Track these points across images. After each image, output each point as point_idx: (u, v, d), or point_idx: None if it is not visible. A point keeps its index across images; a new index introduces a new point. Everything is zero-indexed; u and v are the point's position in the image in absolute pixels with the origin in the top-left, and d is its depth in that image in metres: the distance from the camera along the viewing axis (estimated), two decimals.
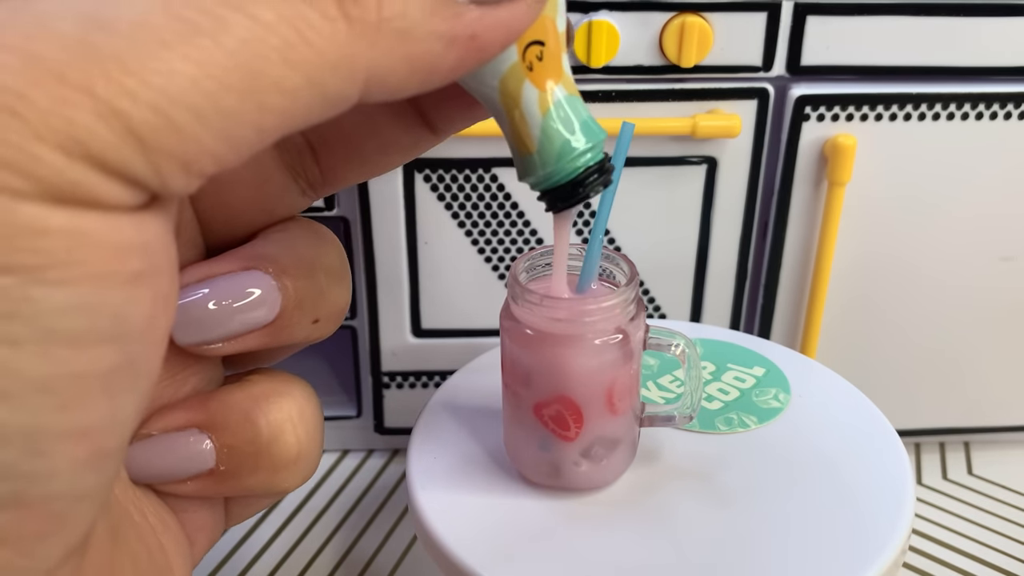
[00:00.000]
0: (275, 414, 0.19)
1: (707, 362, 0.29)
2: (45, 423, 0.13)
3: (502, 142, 0.31)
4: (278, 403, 0.19)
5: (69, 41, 0.12)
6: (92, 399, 0.13)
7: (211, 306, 0.18)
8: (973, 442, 0.38)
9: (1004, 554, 0.32)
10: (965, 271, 0.33)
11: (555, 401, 0.22)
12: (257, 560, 0.33)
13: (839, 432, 0.26)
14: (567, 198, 0.19)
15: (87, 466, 0.13)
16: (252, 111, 0.13)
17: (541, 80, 0.18)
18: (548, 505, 0.23)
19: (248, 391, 0.19)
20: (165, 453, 0.18)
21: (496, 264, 0.33)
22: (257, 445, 0.19)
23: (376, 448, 0.38)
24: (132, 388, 0.14)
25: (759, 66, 0.31)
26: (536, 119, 0.18)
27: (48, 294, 0.12)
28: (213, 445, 0.19)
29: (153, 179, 0.13)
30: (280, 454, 0.19)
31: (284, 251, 0.19)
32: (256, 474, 0.19)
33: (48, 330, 0.12)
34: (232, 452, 0.19)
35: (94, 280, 0.12)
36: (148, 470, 0.18)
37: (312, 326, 0.19)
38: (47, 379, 0.12)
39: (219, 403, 0.19)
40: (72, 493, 0.13)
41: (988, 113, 0.31)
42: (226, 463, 0.19)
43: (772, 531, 0.22)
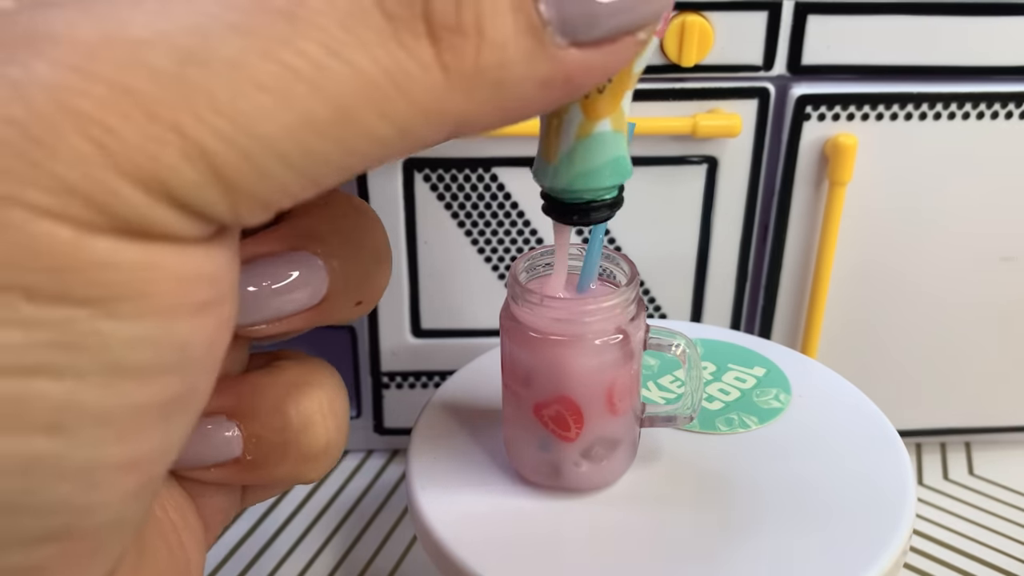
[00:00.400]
0: (306, 404, 0.19)
1: (707, 362, 0.29)
2: (102, 456, 0.12)
3: (502, 142, 0.31)
4: (309, 393, 0.19)
5: (162, 76, 0.12)
6: (149, 429, 0.13)
7: (252, 288, 0.17)
8: (974, 442, 0.38)
9: (1005, 555, 0.32)
10: (966, 271, 0.33)
11: (555, 401, 0.22)
12: (257, 560, 0.32)
13: (840, 432, 0.26)
14: (562, 217, 0.19)
15: (135, 496, 0.13)
16: (340, 156, 0.13)
17: (591, 110, 0.17)
18: (548, 505, 0.23)
19: (278, 379, 0.19)
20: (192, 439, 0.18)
21: (496, 264, 0.33)
22: (286, 435, 0.18)
23: (376, 448, 0.38)
24: (186, 413, 0.14)
25: (760, 65, 0.31)
26: (569, 139, 0.18)
27: (117, 328, 0.12)
28: (241, 433, 0.18)
29: (230, 216, 0.13)
30: (309, 445, 0.19)
31: (331, 230, 0.19)
32: (283, 464, 0.19)
33: (114, 363, 0.12)
34: (260, 442, 0.18)
35: (162, 313, 0.12)
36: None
37: (355, 308, 0.19)
38: (108, 412, 0.12)
39: (249, 390, 0.19)
40: (117, 522, 0.13)
41: (989, 113, 0.31)
42: (253, 452, 0.18)
43: (772, 531, 0.22)
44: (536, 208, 0.32)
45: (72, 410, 0.12)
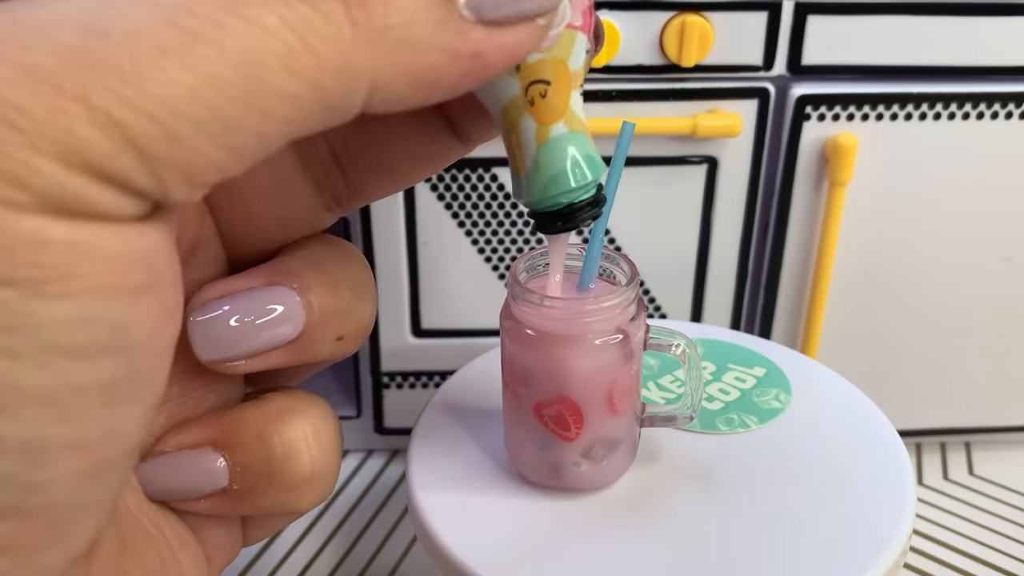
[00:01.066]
0: (289, 433, 0.19)
1: (708, 362, 0.29)
2: (44, 435, 0.13)
3: (501, 142, 0.31)
4: (292, 422, 0.19)
5: (67, 51, 0.12)
6: (92, 411, 0.13)
7: (233, 323, 0.18)
8: (974, 442, 0.38)
9: (1005, 554, 0.32)
10: (966, 271, 0.33)
11: (555, 401, 0.22)
12: (257, 560, 0.32)
13: (840, 432, 0.26)
14: (548, 227, 0.19)
15: (87, 477, 0.13)
16: (253, 119, 0.13)
17: (541, 116, 0.18)
18: (548, 505, 0.23)
19: (263, 409, 0.19)
20: (179, 470, 0.18)
21: (496, 264, 0.33)
22: (271, 464, 0.19)
23: (376, 448, 0.38)
24: (134, 400, 0.14)
25: (760, 65, 0.31)
26: (531, 149, 0.18)
27: (48, 307, 0.12)
28: (227, 463, 0.18)
29: (155, 189, 0.13)
30: (293, 473, 0.19)
31: (308, 267, 0.19)
32: (269, 493, 0.19)
33: (48, 343, 0.12)
34: (245, 471, 0.18)
35: (95, 292, 0.12)
36: (162, 487, 0.18)
37: (336, 343, 0.19)
38: (46, 391, 0.12)
39: (233, 421, 0.19)
40: (71, 503, 0.13)
41: (988, 113, 0.31)
42: (239, 482, 0.18)
43: (773, 531, 0.22)
44: None
45: (7, 389, 0.12)
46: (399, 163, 0.20)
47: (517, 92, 0.17)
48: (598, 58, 0.30)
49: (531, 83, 0.17)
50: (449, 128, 0.20)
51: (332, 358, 0.20)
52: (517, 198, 0.19)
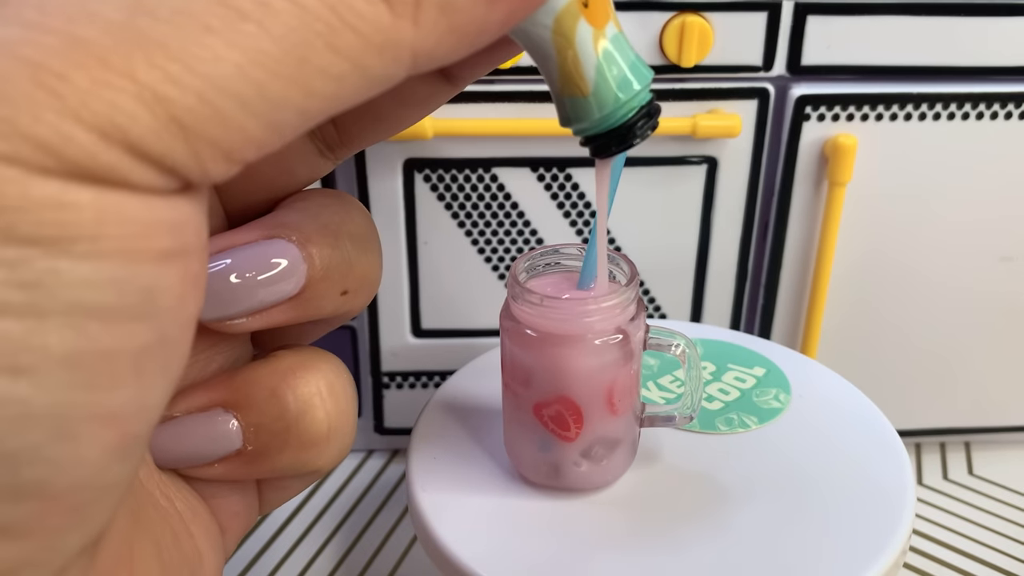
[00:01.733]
0: (303, 388, 0.18)
1: (707, 362, 0.29)
2: (73, 402, 0.12)
3: (502, 142, 0.31)
4: (305, 377, 0.18)
5: (113, 26, 0.12)
6: (122, 379, 0.13)
7: (233, 279, 0.17)
8: (974, 442, 0.38)
9: (1005, 554, 0.32)
10: (965, 271, 0.33)
11: (555, 401, 0.22)
12: (257, 560, 0.32)
13: (839, 432, 0.26)
14: (622, 141, 0.18)
15: (115, 453, 0.13)
16: (298, 97, 0.13)
17: (596, 17, 0.17)
18: (548, 505, 0.23)
19: (274, 367, 0.18)
20: (190, 435, 0.18)
21: (496, 264, 0.33)
22: (285, 422, 0.18)
23: (376, 448, 0.38)
24: (162, 371, 0.13)
25: (759, 66, 0.31)
26: (591, 59, 0.17)
27: (75, 266, 0.12)
28: (240, 424, 0.18)
29: (194, 168, 0.13)
30: (310, 430, 0.18)
31: (307, 219, 0.18)
32: (285, 453, 0.18)
33: (75, 303, 0.12)
34: (259, 431, 0.18)
35: (123, 255, 0.12)
36: (173, 453, 0.18)
37: (341, 298, 0.19)
38: (75, 355, 0.12)
39: (244, 380, 0.18)
40: (98, 483, 0.13)
41: (988, 113, 0.31)
42: (254, 442, 0.18)
43: (772, 531, 0.22)
44: (536, 208, 0.32)
45: (34, 351, 0.12)
46: (388, 108, 0.19)
47: (567, 1, 0.17)
48: None
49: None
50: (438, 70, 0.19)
51: (338, 314, 0.19)
52: (579, 123, 0.18)
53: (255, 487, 0.20)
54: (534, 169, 0.32)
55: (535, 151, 0.32)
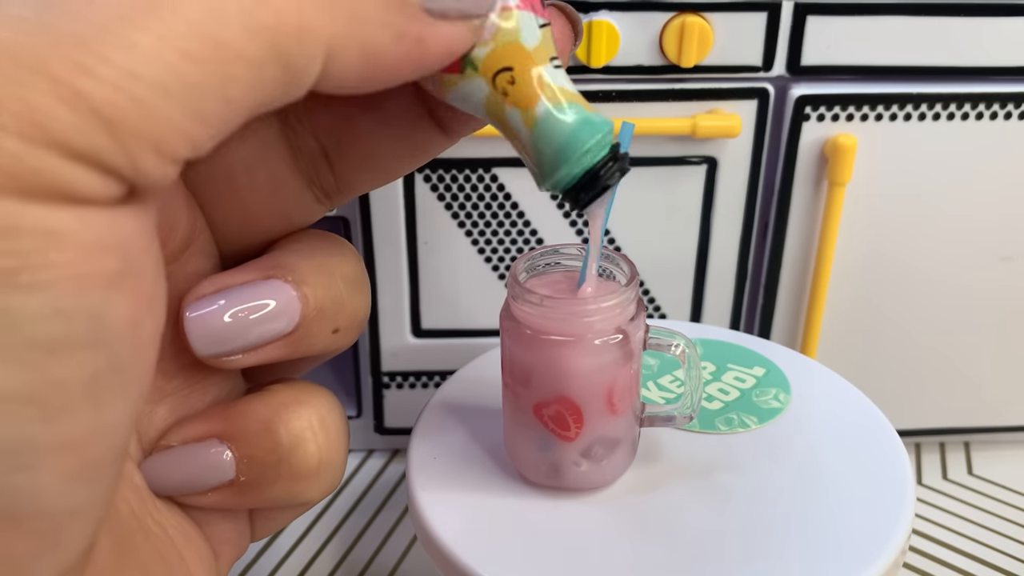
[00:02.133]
0: (295, 423, 0.19)
1: (707, 362, 0.29)
2: (28, 435, 0.12)
3: (502, 142, 0.31)
4: (298, 412, 0.19)
5: (24, 23, 0.12)
6: (77, 407, 0.13)
7: (228, 318, 0.18)
8: (973, 442, 0.38)
9: (1004, 554, 0.32)
10: (965, 271, 0.33)
11: (555, 401, 0.22)
12: (257, 560, 0.32)
13: (839, 432, 0.26)
14: (586, 193, 0.19)
15: (77, 479, 0.13)
16: (216, 82, 0.13)
17: (520, 101, 0.18)
18: (548, 505, 0.23)
19: (268, 400, 0.19)
20: (185, 464, 0.18)
21: (496, 264, 0.33)
22: (278, 455, 0.18)
23: (376, 448, 0.38)
24: (121, 393, 0.13)
25: (759, 66, 0.31)
26: (526, 135, 0.18)
27: (24, 301, 0.12)
28: (233, 455, 0.18)
29: (125, 164, 0.12)
30: (301, 463, 0.19)
31: (302, 260, 0.19)
32: (277, 484, 0.19)
33: (26, 340, 0.12)
34: (252, 462, 0.18)
35: (69, 282, 0.12)
36: (168, 482, 0.18)
37: (332, 336, 0.19)
38: (27, 389, 0.12)
39: (239, 413, 0.19)
40: (63, 509, 0.13)
41: (988, 113, 0.31)
42: (246, 473, 0.18)
43: (772, 531, 0.22)
44: (536, 208, 0.32)
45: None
46: (385, 157, 0.20)
47: (487, 89, 0.18)
48: (598, 58, 0.30)
49: (495, 75, 0.17)
50: (432, 121, 0.20)
51: (328, 351, 0.20)
52: (543, 186, 0.19)
53: (247, 516, 0.20)
54: None
55: None
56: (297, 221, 0.20)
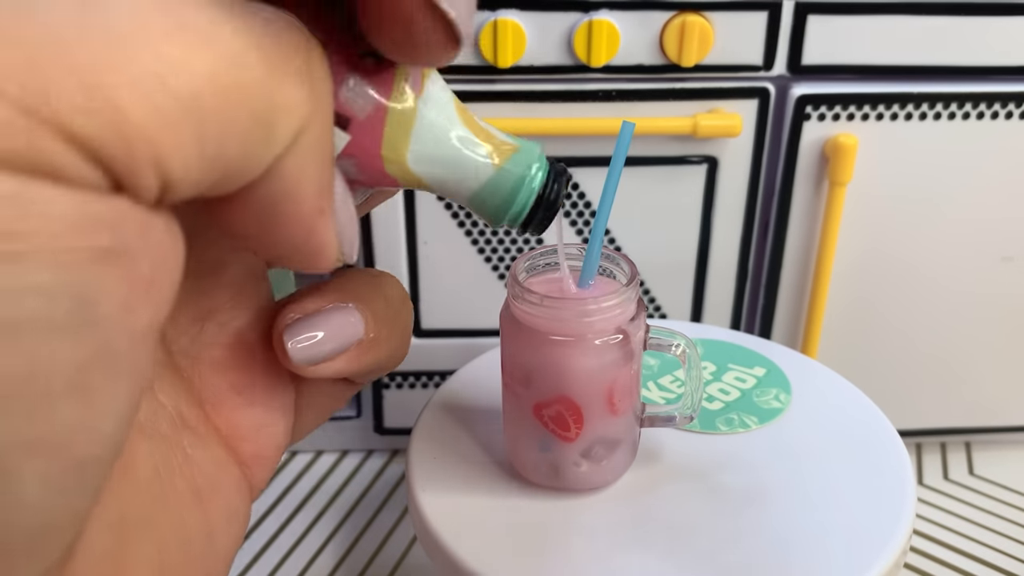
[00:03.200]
0: (395, 287, 0.21)
1: (708, 362, 0.29)
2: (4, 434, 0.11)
3: None
4: (391, 278, 0.21)
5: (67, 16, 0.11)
6: (61, 402, 0.11)
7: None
8: (974, 442, 0.38)
9: (1005, 555, 0.32)
10: (966, 271, 0.33)
11: (555, 401, 0.22)
12: (257, 560, 0.32)
13: (840, 432, 0.26)
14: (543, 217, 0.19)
15: (59, 485, 0.12)
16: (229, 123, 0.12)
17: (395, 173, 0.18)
18: (548, 505, 0.23)
19: (358, 274, 0.21)
20: (326, 326, 0.19)
21: (496, 264, 0.33)
22: (393, 309, 0.20)
23: (376, 448, 0.38)
24: (111, 388, 0.12)
25: (760, 65, 0.31)
26: (463, 198, 0.18)
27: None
28: (361, 314, 0.19)
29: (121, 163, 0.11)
30: (408, 316, 0.21)
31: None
32: (391, 339, 0.20)
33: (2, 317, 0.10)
34: (376, 319, 0.20)
35: (49, 255, 0.11)
36: (309, 352, 0.19)
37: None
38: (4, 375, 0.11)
39: (347, 280, 0.20)
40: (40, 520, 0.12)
41: (989, 113, 0.31)
42: (374, 330, 0.19)
43: (773, 531, 0.22)
44: None
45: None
46: None
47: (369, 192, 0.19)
48: (598, 58, 0.30)
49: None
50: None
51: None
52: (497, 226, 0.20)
53: (290, 425, 0.21)
54: None
55: None
56: None
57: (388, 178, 0.17)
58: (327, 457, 0.38)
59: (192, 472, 0.18)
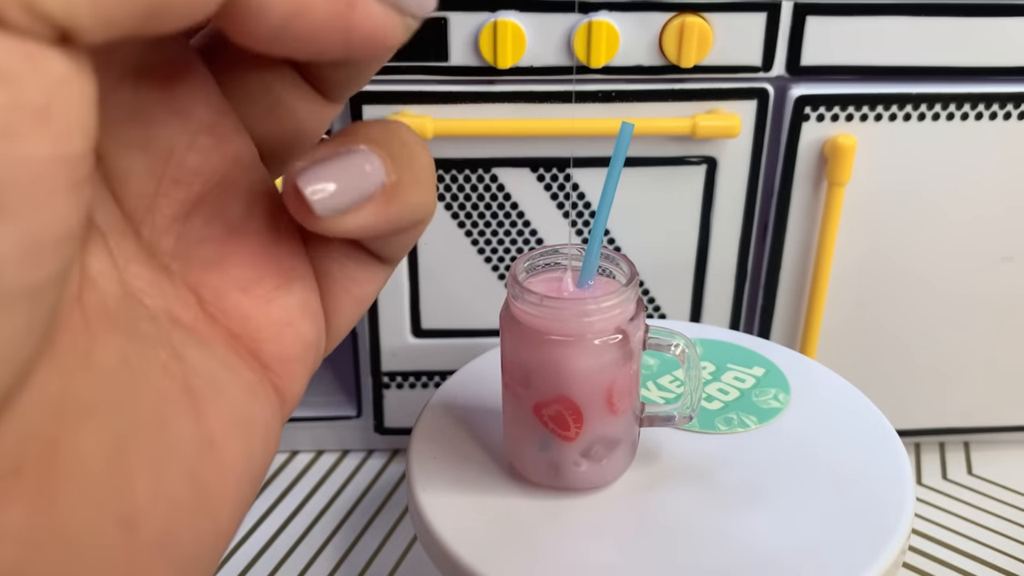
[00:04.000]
0: (410, 133, 0.19)
1: (707, 362, 0.29)
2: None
3: (502, 142, 0.31)
4: (400, 122, 0.19)
5: None
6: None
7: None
8: (973, 442, 0.38)
9: (1004, 554, 0.32)
10: (965, 271, 0.33)
11: (555, 401, 0.22)
12: (257, 560, 0.33)
13: (839, 432, 0.26)
14: None
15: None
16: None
17: None
18: (548, 505, 0.23)
19: (375, 121, 0.19)
20: (344, 170, 0.17)
21: (496, 264, 0.33)
22: (411, 153, 0.18)
23: (376, 448, 0.38)
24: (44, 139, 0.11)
25: (759, 66, 0.31)
26: None
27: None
28: (379, 158, 0.17)
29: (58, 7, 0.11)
30: (431, 167, 0.19)
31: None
32: (414, 189, 0.18)
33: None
34: (396, 161, 0.18)
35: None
36: (333, 201, 0.17)
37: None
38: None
39: (360, 126, 0.18)
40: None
41: (988, 113, 0.31)
42: (396, 171, 0.18)
43: (772, 531, 0.22)
44: (536, 208, 0.32)
45: None
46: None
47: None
48: (598, 58, 0.30)
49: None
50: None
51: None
52: None
53: (317, 304, 0.19)
54: (534, 169, 0.32)
55: (535, 151, 0.32)
56: (312, 129, 0.20)
57: None
58: (327, 457, 0.38)
59: (184, 372, 0.17)
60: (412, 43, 0.30)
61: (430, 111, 0.31)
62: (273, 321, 0.18)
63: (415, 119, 0.31)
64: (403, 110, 0.31)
